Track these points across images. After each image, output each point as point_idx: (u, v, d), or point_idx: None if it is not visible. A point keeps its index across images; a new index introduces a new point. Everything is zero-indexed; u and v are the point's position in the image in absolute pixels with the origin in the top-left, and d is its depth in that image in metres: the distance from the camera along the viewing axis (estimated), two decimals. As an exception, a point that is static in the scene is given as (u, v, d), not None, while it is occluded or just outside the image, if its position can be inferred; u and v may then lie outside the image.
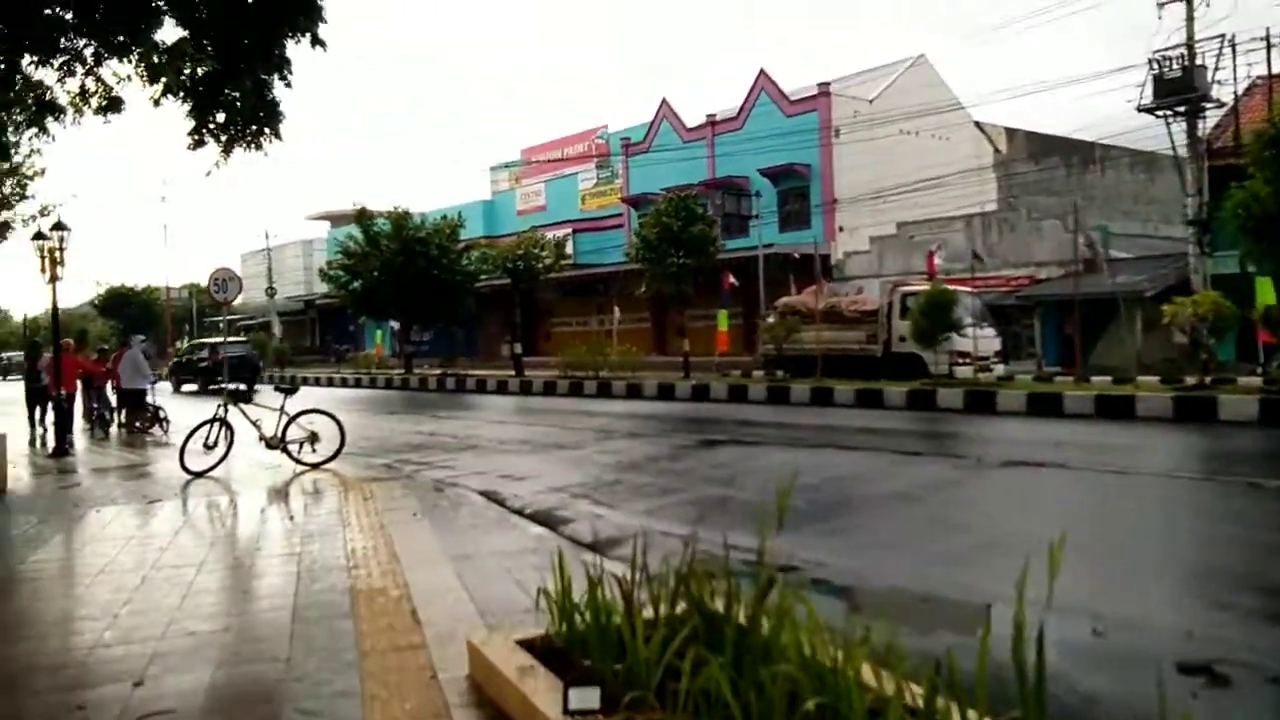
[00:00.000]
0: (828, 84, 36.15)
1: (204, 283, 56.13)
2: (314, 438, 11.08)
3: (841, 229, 35.80)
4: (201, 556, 6.68)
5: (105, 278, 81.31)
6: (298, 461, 11.02)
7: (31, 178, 42.26)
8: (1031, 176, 37.85)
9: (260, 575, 6.21)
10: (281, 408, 11.02)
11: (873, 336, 19.98)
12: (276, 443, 10.99)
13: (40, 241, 13.77)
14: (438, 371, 29.87)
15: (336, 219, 62.32)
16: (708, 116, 40.38)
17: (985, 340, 19.04)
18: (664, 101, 41.85)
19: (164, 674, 4.21)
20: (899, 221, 33.39)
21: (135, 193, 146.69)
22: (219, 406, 10.98)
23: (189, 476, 10.58)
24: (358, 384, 32.93)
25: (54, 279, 13.39)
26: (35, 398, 16.69)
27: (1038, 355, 26.17)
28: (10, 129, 20.62)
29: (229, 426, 10.98)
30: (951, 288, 18.35)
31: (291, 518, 8.04)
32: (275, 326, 47.82)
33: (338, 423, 11.31)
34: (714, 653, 3.16)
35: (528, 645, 3.86)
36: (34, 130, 22.23)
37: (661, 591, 3.71)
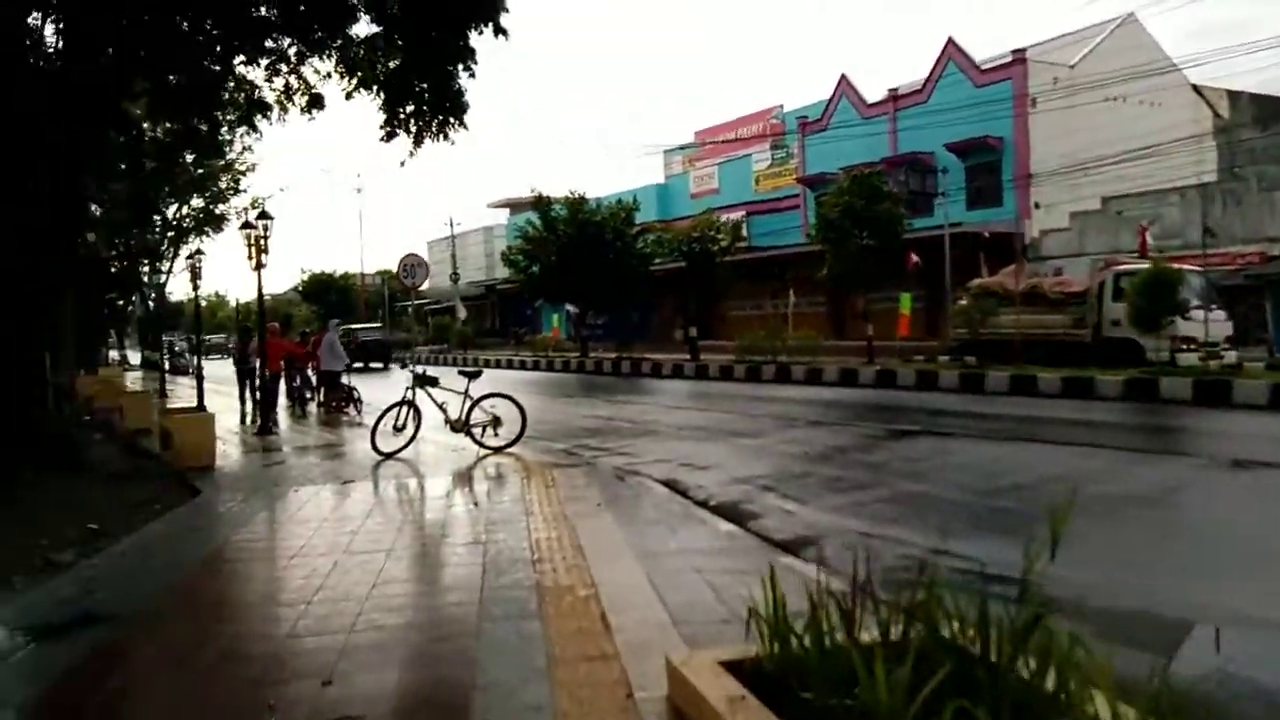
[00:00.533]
0: (1023, 50, 33.72)
1: (395, 269, 58.80)
2: (496, 422, 11.09)
3: (1037, 205, 33.35)
4: (390, 541, 6.63)
5: (308, 265, 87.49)
6: (480, 445, 11.05)
7: (244, 173, 45.46)
8: (1259, 143, 34.00)
9: (446, 564, 6.07)
10: (466, 392, 11.07)
11: (1080, 320, 18.33)
12: (461, 426, 11.06)
13: (247, 230, 14.50)
14: (613, 355, 29.98)
15: (516, 206, 64.12)
16: (889, 91, 38.65)
17: (1216, 324, 17.07)
18: (843, 77, 40.35)
19: (353, 672, 4.04)
20: (1104, 196, 30.78)
21: (334, 185, 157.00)
22: (406, 390, 11.17)
23: (379, 457, 10.80)
24: (535, 366, 33.59)
25: (259, 265, 14.09)
26: (244, 378, 17.81)
27: (1268, 340, 23.43)
28: (224, 128, 22.08)
29: (416, 410, 11.15)
30: (1176, 266, 16.51)
31: (475, 503, 7.95)
32: (459, 310, 49.63)
33: (519, 407, 11.27)
34: (963, 697, 2.61)
35: (733, 668, 3.41)
36: (244, 128, 23.67)
37: (891, 614, 3.16)
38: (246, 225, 14.51)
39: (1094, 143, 31.36)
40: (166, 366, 31.78)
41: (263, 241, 13.96)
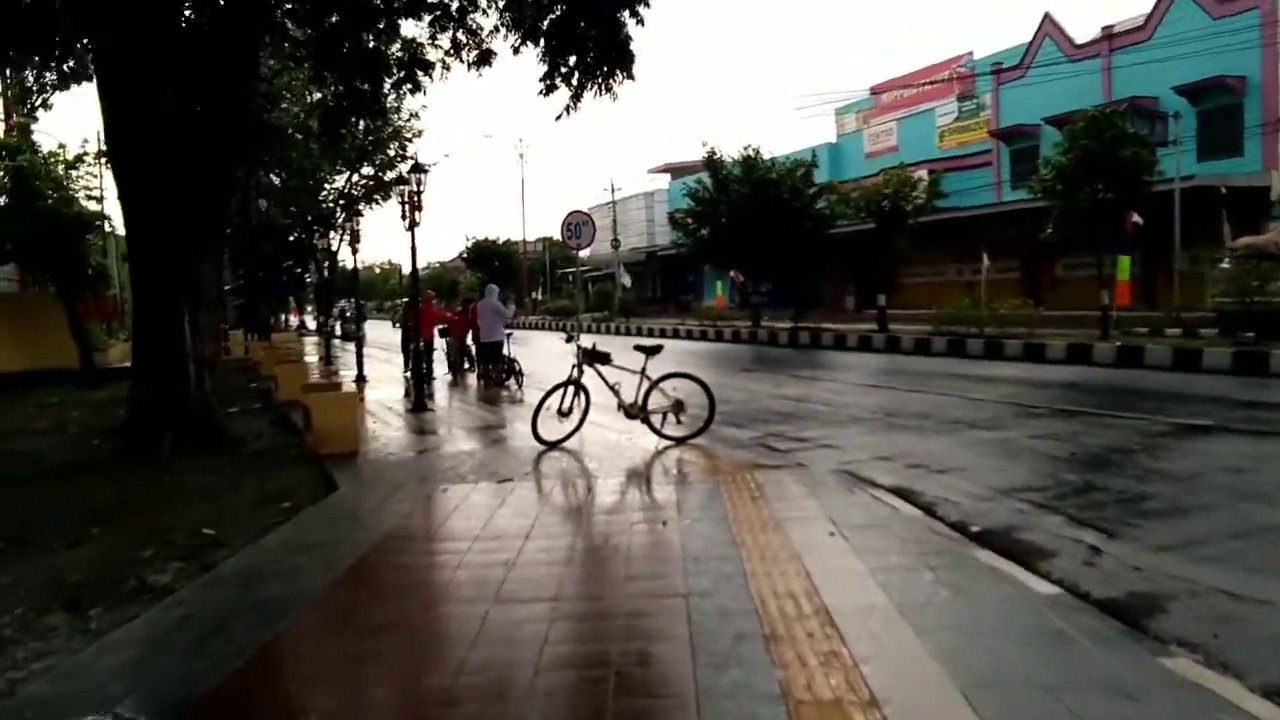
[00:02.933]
0: (1276, -30, 28.78)
1: (556, 235, 58.37)
2: (679, 407, 9.21)
3: (1289, 154, 28.53)
4: (555, 586, 4.82)
5: (473, 232, 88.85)
6: (660, 434, 9.21)
7: (411, 139, 45.56)
8: None
9: (638, 638, 4.18)
10: (643, 371, 9.23)
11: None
12: (636, 411, 9.24)
13: (401, 187, 13.16)
14: (788, 325, 27.63)
15: (677, 171, 62.23)
16: (1103, 29, 34.21)
17: None
18: (1046, 16, 36.07)
19: None
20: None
21: (497, 152, 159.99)
22: (573, 368, 9.42)
23: (541, 447, 9.15)
24: (703, 336, 31.64)
25: (413, 225, 12.72)
26: (408, 348, 16.71)
27: None
28: (388, 90, 21.18)
29: (584, 391, 9.41)
30: None
31: (664, 523, 6.05)
32: (622, 277, 48.30)
33: (707, 390, 9.35)
34: None
35: None
36: (408, 87, 22.73)
37: None
38: (400, 180, 13.16)
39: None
40: (336, 332, 31.82)
41: (416, 198, 12.54)
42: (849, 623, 4.09)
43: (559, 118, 16.30)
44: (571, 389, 9.33)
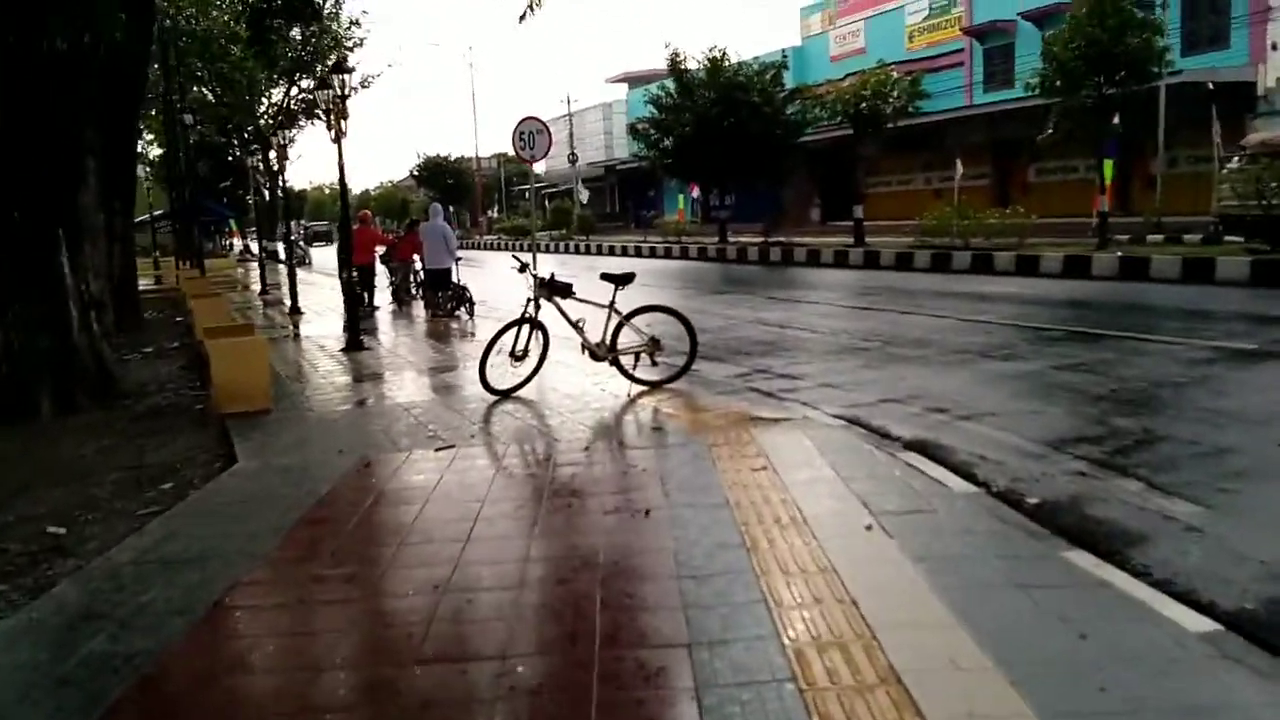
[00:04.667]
0: None
1: (511, 150, 56.46)
2: (654, 345, 7.79)
3: (1276, 47, 27.09)
4: (501, 638, 3.42)
5: (424, 148, 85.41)
6: (632, 379, 7.80)
7: (352, 48, 42.59)
8: None
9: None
10: (611, 304, 7.74)
11: None
12: (604, 352, 7.79)
13: (324, 92, 11.33)
14: (758, 240, 26.09)
15: (636, 80, 59.52)
16: (1083, -86, 32.25)
17: None
18: (1023, -97, 33.88)
19: None
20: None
21: (445, 62, 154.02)
22: (528, 302, 7.90)
23: (492, 397, 7.70)
24: (666, 254, 30.02)
25: (339, 135, 10.93)
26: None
27: None
28: None
29: (542, 329, 7.92)
30: None
31: (646, 512, 4.67)
32: (580, 192, 46.17)
33: (686, 325, 7.91)
34: None
35: None
36: None
37: None
38: (321, 84, 11.31)
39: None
40: (280, 256, 29.73)
41: (341, 103, 10.74)
42: (927, 698, 2.76)
43: (523, 18, 14.58)
44: (527, 327, 7.84)
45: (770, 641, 3.19)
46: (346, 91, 10.71)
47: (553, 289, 7.80)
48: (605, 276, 7.83)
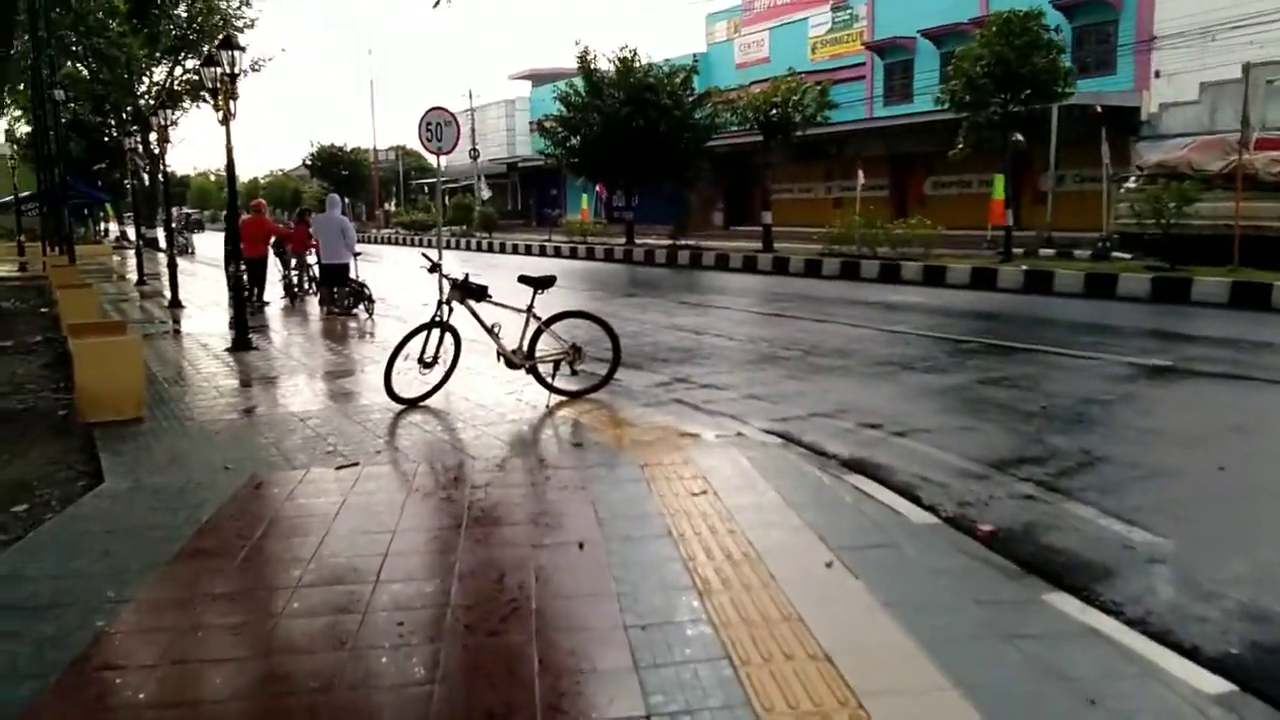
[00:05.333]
0: (1157, -118, 28.22)
1: (410, 143, 54.57)
2: (576, 354, 7.30)
3: (1158, 74, 28.40)
4: (424, 703, 2.89)
5: (318, 137, 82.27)
6: (551, 389, 7.29)
7: (242, 29, 40.63)
8: None
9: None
10: (529, 308, 7.21)
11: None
12: (521, 360, 7.25)
13: (212, 70, 10.41)
14: (666, 243, 25.80)
15: (540, 78, 58.73)
16: (981, -64, 33.24)
17: None
18: (924, -78, 34.70)
19: None
20: (1247, 62, 25.85)
21: (344, 52, 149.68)
22: (440, 305, 7.28)
23: (398, 407, 7.08)
24: (572, 254, 29.46)
25: (227, 116, 10.04)
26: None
27: None
28: None
29: (454, 333, 7.32)
30: None
31: (581, 545, 4.19)
32: (482, 189, 45.10)
33: (610, 332, 7.43)
34: None
35: None
36: None
37: None
38: (208, 61, 10.39)
39: (1231, 1, 26.31)
40: (143, 244, 27.88)
41: (229, 82, 9.85)
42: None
43: (437, 3, 14.10)
44: (437, 332, 7.23)
45: (742, 712, 2.75)
46: (236, 70, 9.83)
47: (466, 291, 7.21)
48: (524, 279, 7.30)
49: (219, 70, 10.02)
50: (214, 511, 4.77)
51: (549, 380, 7.28)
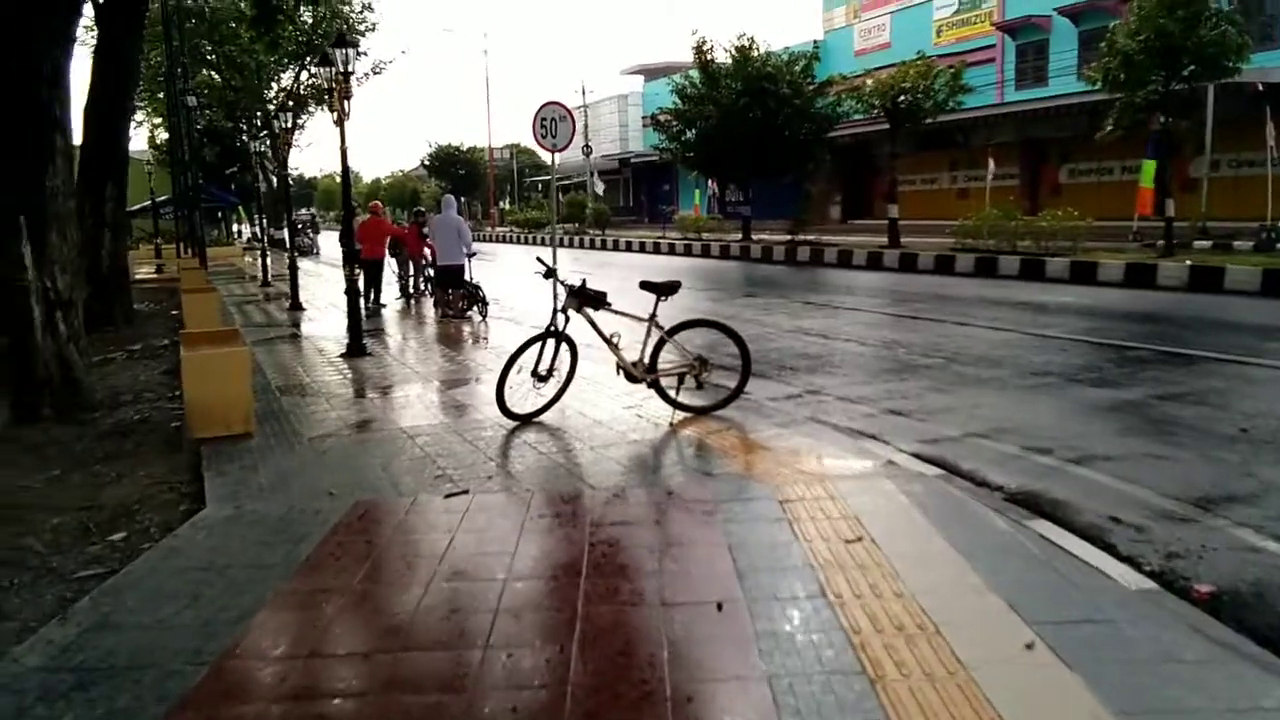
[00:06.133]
0: None
1: (523, 142, 55.26)
2: (701, 366, 6.68)
3: (1328, 47, 25.80)
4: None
5: (435, 138, 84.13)
6: (675, 404, 6.69)
7: (364, 34, 41.52)
8: None
9: None
10: (651, 318, 6.64)
11: None
12: (642, 373, 6.68)
13: (326, 69, 10.22)
14: (784, 238, 24.89)
15: (651, 73, 58.36)
16: (1125, -94, 31.00)
17: None
18: (1061, -107, 32.57)
19: None
20: None
21: (459, 49, 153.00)
22: (555, 313, 6.77)
23: (511, 423, 6.61)
24: (687, 251, 28.83)
25: (341, 117, 9.83)
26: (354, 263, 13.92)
27: None
28: None
29: (570, 344, 6.81)
30: None
31: (720, 606, 3.57)
32: (597, 185, 44.95)
33: (739, 343, 6.79)
34: None
35: None
36: None
37: None
38: (324, 61, 10.21)
39: None
40: (269, 245, 28.66)
41: (343, 81, 9.62)
42: None
43: None
44: (552, 343, 6.73)
45: None
46: (350, 68, 9.59)
47: (584, 299, 6.68)
48: (646, 285, 6.71)
49: (334, 70, 9.80)
50: (313, 549, 4.35)
51: (672, 395, 6.68)
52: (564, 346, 6.78)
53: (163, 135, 43.60)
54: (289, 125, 19.69)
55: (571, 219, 42.76)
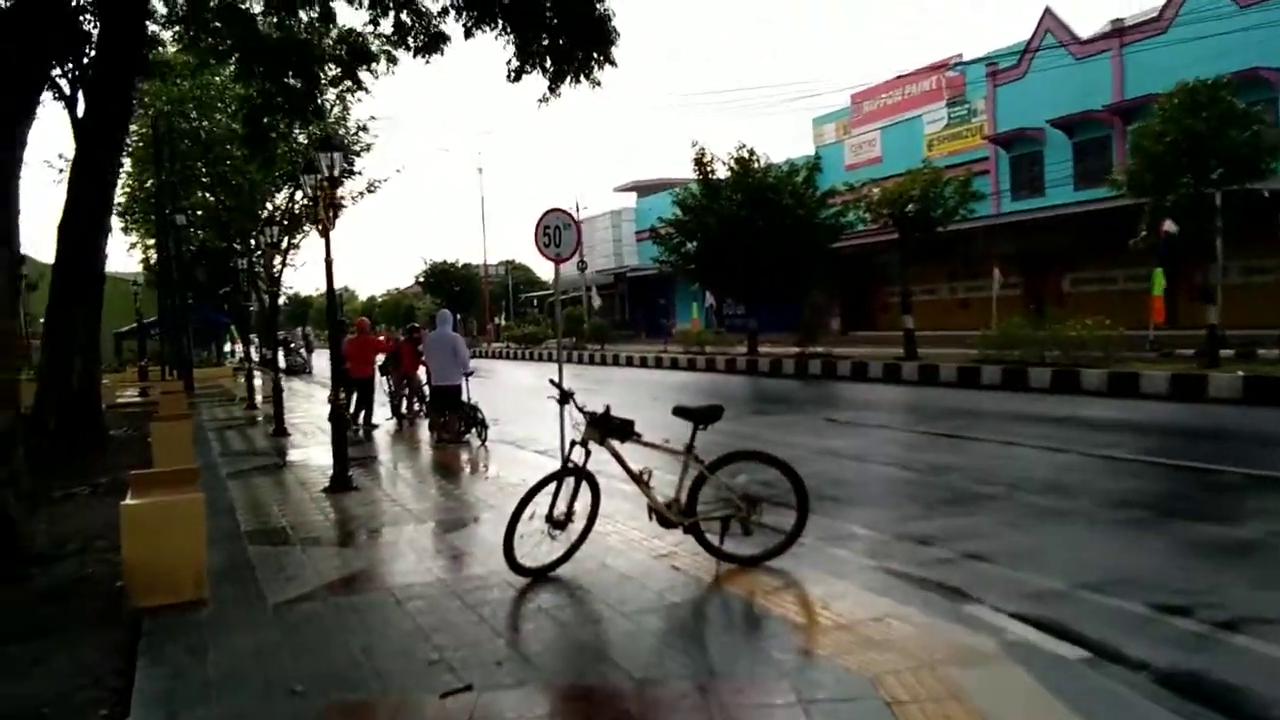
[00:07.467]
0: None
1: (517, 258, 55.24)
2: (751, 507, 5.57)
3: (1329, 152, 25.63)
4: None
5: (430, 255, 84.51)
6: (719, 555, 5.57)
7: (359, 153, 41.76)
8: None
9: None
10: (689, 449, 5.57)
11: None
12: (678, 517, 5.57)
13: (310, 177, 9.44)
14: (792, 351, 24.04)
15: (645, 189, 58.93)
16: (1111, 23, 31.56)
17: None
18: (1047, 11, 33.25)
19: None
20: None
21: (454, 172, 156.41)
22: (573, 445, 5.69)
23: (522, 580, 5.46)
24: (691, 365, 27.92)
25: (326, 228, 8.97)
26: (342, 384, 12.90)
27: None
28: (324, 84, 17.84)
29: (591, 482, 5.70)
30: None
31: None
32: (594, 299, 44.51)
33: (792, 477, 5.71)
34: None
35: None
36: (349, 86, 19.42)
37: None
38: (309, 168, 9.43)
39: None
40: (254, 365, 27.73)
41: (328, 188, 8.80)
42: None
43: (541, 102, 13.73)
44: (570, 482, 5.63)
45: None
46: (337, 173, 8.78)
47: (607, 429, 5.61)
48: (680, 412, 5.67)
49: (318, 177, 9.00)
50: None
51: (715, 543, 5.56)
52: (584, 485, 5.68)
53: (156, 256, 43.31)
54: (274, 240, 18.96)
55: (569, 333, 42.18)
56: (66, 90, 14.81)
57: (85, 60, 14.51)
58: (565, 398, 5.86)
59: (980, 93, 36.19)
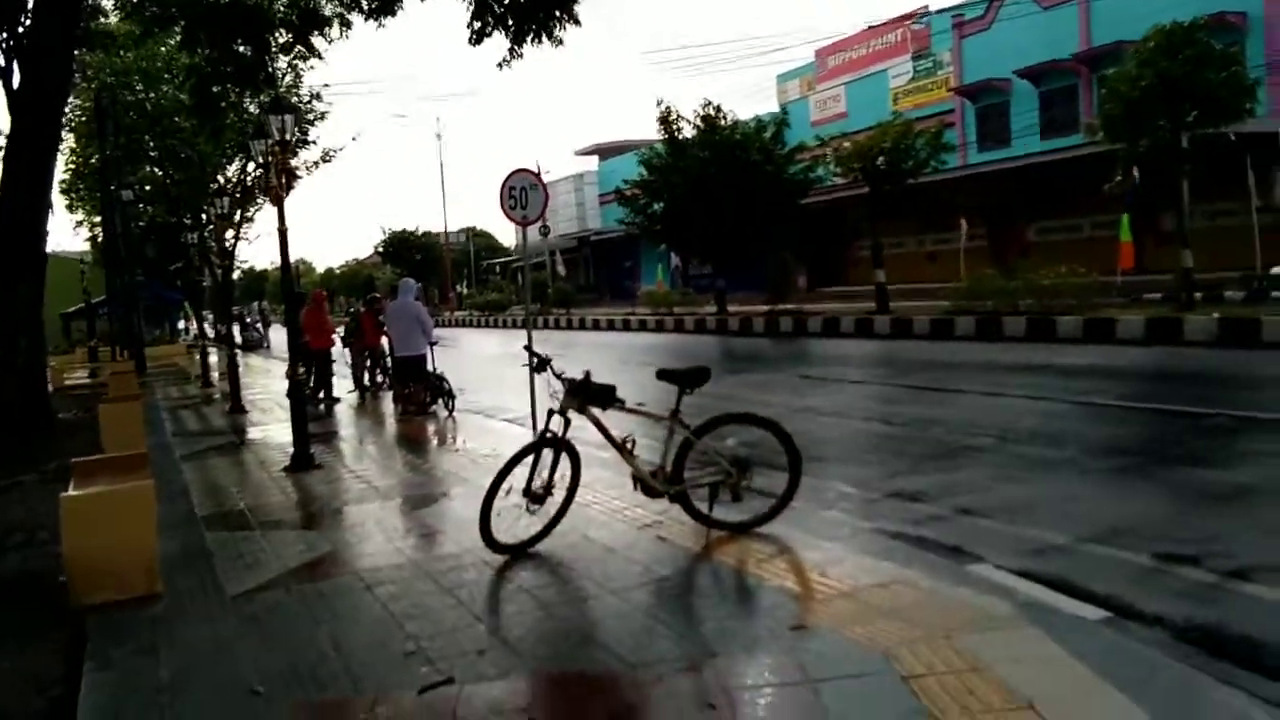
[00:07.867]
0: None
1: (479, 224, 54.48)
2: (740, 472, 5.28)
3: (1296, 97, 25.66)
4: None
5: (390, 224, 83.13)
6: (708, 522, 5.28)
7: (314, 122, 40.60)
8: None
9: None
10: (673, 415, 5.25)
11: None
12: (665, 485, 5.27)
13: (260, 142, 8.91)
14: (762, 309, 23.77)
15: (606, 151, 58.11)
16: (1078, -30, 31.30)
17: None
18: (1011, -41, 32.83)
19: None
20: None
21: (412, 133, 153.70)
22: (551, 415, 5.33)
23: (499, 558, 5.14)
24: (659, 326, 27.60)
25: (280, 195, 8.46)
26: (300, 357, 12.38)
27: None
28: (275, 51, 17.08)
29: (571, 453, 5.36)
30: None
31: None
32: (559, 265, 43.96)
33: (783, 438, 5.43)
34: None
35: None
36: (301, 52, 18.65)
37: None
38: (259, 133, 8.90)
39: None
40: (208, 342, 27.01)
41: (280, 152, 8.29)
42: None
43: (503, 64, 13.10)
44: (549, 453, 5.28)
45: None
46: (289, 136, 8.27)
47: (587, 396, 5.26)
48: (665, 375, 5.34)
49: (268, 142, 8.48)
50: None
51: (703, 511, 5.27)
52: (564, 456, 5.34)
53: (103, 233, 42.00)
54: (225, 212, 18.26)
55: (534, 299, 41.72)
56: (1, 61, 14.06)
57: (21, 30, 13.75)
58: (541, 364, 5.50)
59: (946, 45, 35.87)
